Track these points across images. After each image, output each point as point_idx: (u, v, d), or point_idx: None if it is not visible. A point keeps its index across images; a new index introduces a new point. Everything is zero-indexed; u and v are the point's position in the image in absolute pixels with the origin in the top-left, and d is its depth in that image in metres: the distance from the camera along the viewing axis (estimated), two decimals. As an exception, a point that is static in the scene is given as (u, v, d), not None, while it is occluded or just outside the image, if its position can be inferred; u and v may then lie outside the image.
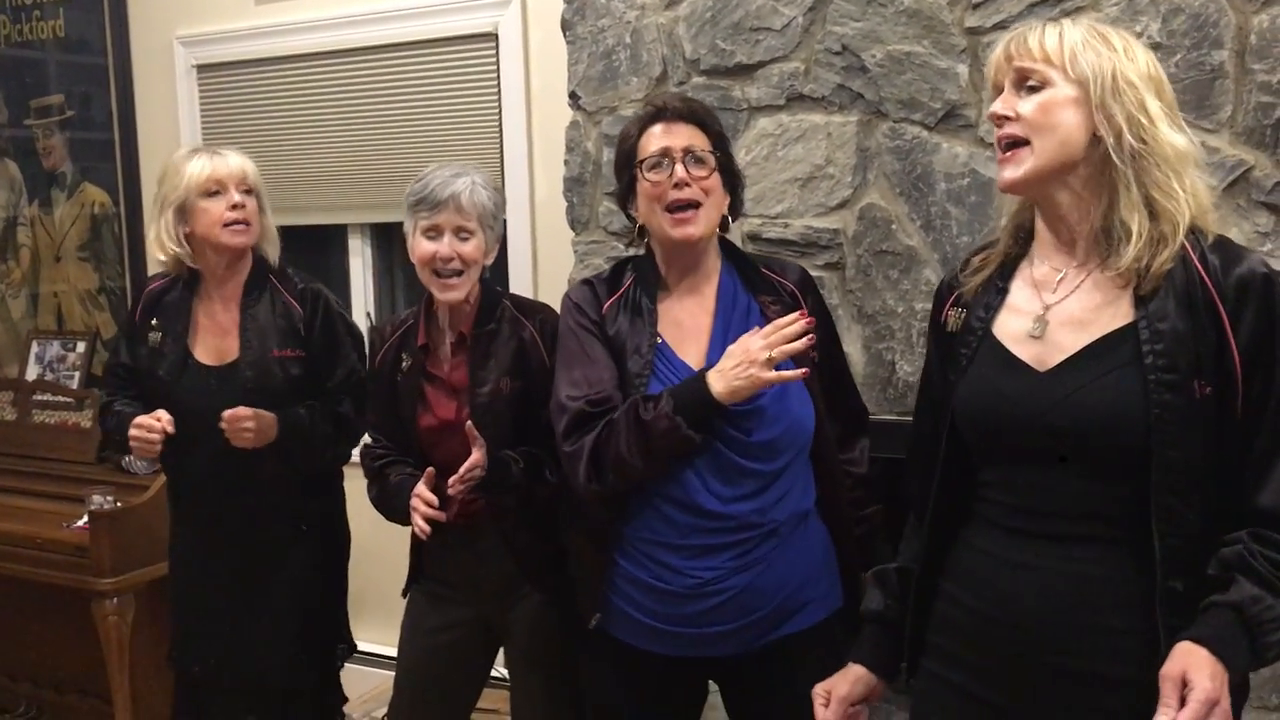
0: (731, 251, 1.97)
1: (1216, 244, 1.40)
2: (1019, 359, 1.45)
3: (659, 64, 2.59)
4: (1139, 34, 2.08)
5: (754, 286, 1.91)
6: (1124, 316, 1.39)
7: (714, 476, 1.80)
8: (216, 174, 2.40)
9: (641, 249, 1.99)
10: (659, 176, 1.84)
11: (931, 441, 1.57)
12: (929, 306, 1.68)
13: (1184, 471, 1.34)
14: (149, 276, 2.77)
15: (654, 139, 1.87)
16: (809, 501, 1.88)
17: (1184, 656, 1.27)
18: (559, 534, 2.12)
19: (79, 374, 3.83)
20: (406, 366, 2.20)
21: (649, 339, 1.87)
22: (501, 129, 3.21)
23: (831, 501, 1.92)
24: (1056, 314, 1.44)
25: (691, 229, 1.84)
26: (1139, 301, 1.38)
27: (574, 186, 2.70)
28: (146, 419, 2.35)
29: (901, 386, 2.37)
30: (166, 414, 2.35)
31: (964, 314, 1.53)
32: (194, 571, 2.52)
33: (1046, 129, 1.39)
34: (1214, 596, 1.32)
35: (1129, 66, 1.39)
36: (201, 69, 3.69)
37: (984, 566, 1.48)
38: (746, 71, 2.49)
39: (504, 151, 3.21)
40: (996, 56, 1.46)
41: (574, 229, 2.73)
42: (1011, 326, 1.48)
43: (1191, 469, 1.35)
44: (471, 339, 2.16)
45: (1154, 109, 1.38)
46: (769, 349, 1.70)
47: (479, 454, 1.99)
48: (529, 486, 2.08)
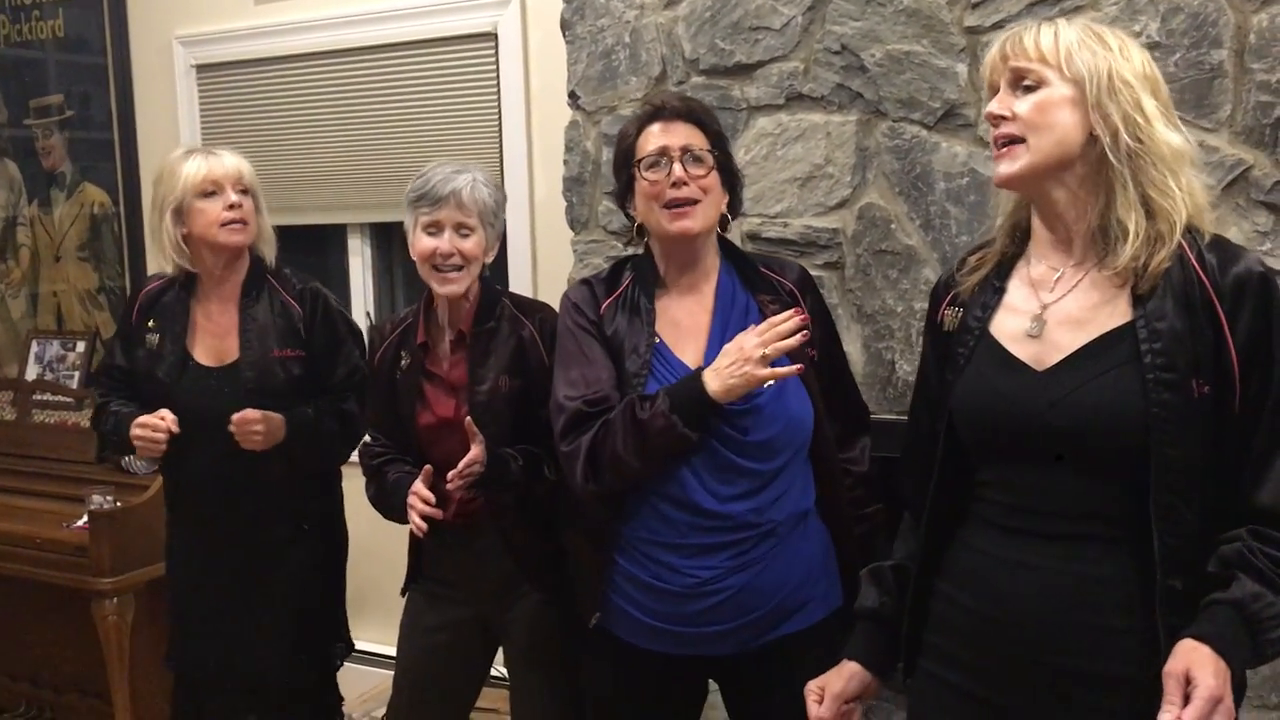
0: (730, 250, 1.97)
1: (1213, 243, 1.40)
2: (1017, 358, 1.45)
3: (658, 63, 2.59)
4: (1138, 33, 2.09)
5: (753, 285, 1.91)
6: (1122, 316, 1.39)
7: (711, 476, 1.80)
8: (212, 174, 2.40)
9: (640, 248, 1.99)
10: (657, 175, 1.84)
11: (928, 441, 1.57)
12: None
13: (1183, 470, 1.34)
14: (145, 278, 2.77)
15: (652, 138, 1.87)
16: (808, 501, 1.88)
17: (1187, 654, 1.27)
18: (558, 533, 2.13)
19: (79, 374, 3.83)
20: (405, 365, 2.20)
21: (647, 339, 1.86)
22: (501, 129, 3.21)
23: (831, 501, 1.92)
24: (1054, 313, 1.44)
25: (689, 223, 1.84)
26: (1137, 301, 1.38)
27: (573, 186, 2.70)
28: (151, 418, 2.34)
29: (901, 386, 2.37)
30: (171, 413, 2.34)
31: (960, 313, 1.53)
32: (193, 573, 2.52)
33: (1043, 128, 1.39)
34: (1215, 594, 1.32)
35: (1125, 66, 1.39)
36: (201, 69, 3.69)
37: (982, 566, 1.48)
38: (746, 71, 2.49)
39: (503, 151, 3.21)
40: (992, 56, 1.46)
41: (573, 228, 2.73)
42: (1009, 326, 1.48)
43: (1190, 468, 1.35)
44: (471, 337, 2.16)
45: (1150, 108, 1.38)
46: (763, 346, 1.70)
47: (478, 450, 1.99)
48: (527, 484, 2.08)
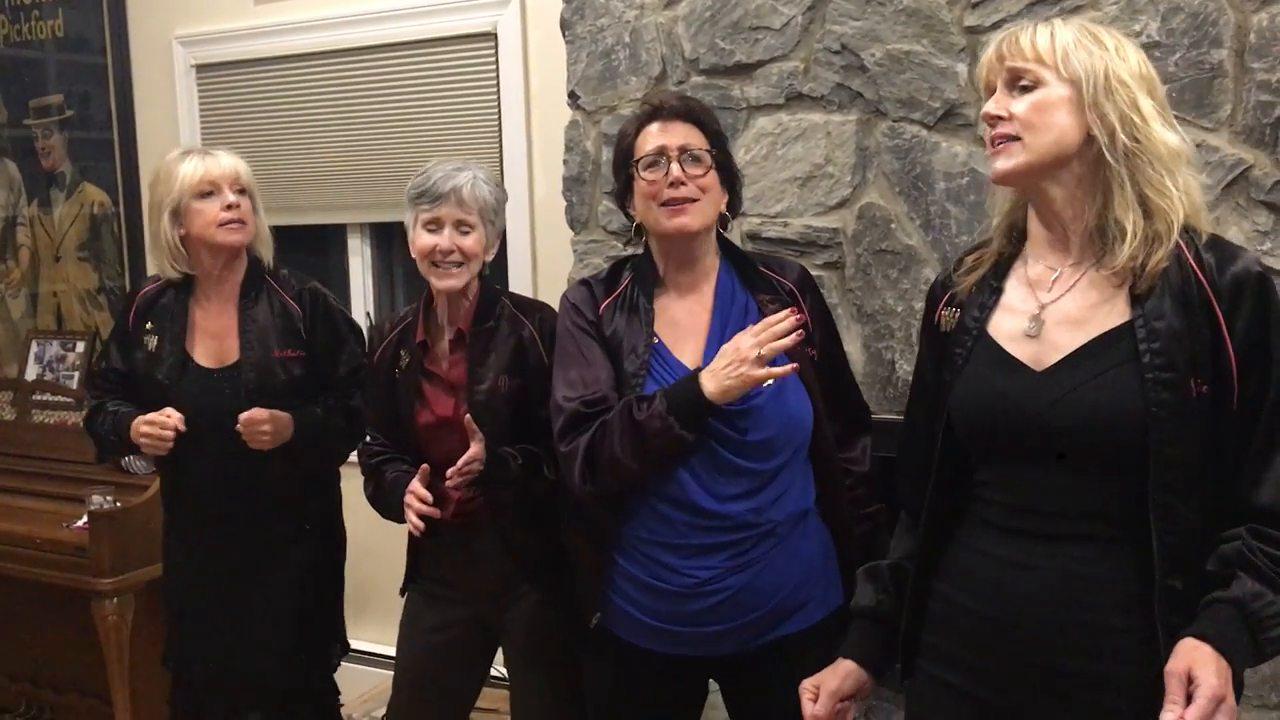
0: (730, 250, 1.97)
1: (1210, 242, 1.40)
2: (1015, 358, 1.45)
3: (658, 63, 2.58)
4: (1138, 33, 2.09)
5: (752, 285, 1.91)
6: (1120, 315, 1.39)
7: (710, 476, 1.79)
8: (210, 174, 2.39)
9: (639, 248, 1.99)
10: (655, 175, 1.84)
11: (925, 441, 1.57)
12: (928, 306, 1.68)
13: (1181, 470, 1.34)
14: (143, 280, 2.76)
15: (650, 138, 1.87)
16: (808, 501, 1.88)
17: (1188, 653, 1.27)
18: (557, 533, 2.12)
19: (78, 374, 3.82)
20: (405, 364, 2.20)
21: (645, 339, 1.86)
22: (501, 128, 3.21)
23: (832, 501, 1.91)
24: (1052, 313, 1.44)
25: (685, 219, 1.83)
26: (1135, 300, 1.38)
27: (573, 186, 2.70)
28: (158, 415, 2.32)
29: (901, 385, 2.36)
30: (176, 412, 2.33)
31: (958, 314, 1.53)
32: (192, 573, 2.51)
33: (1040, 129, 1.40)
34: (1215, 593, 1.32)
35: (1121, 66, 1.39)
36: (201, 69, 3.69)
37: (981, 566, 1.47)
38: (746, 71, 2.49)
39: (503, 151, 3.21)
40: (988, 57, 1.46)
41: (573, 228, 2.73)
42: (1007, 326, 1.48)
43: (1189, 467, 1.35)
44: (470, 336, 2.16)
45: (1146, 108, 1.38)
46: (759, 347, 1.70)
47: (477, 447, 1.99)
48: (527, 483, 2.08)
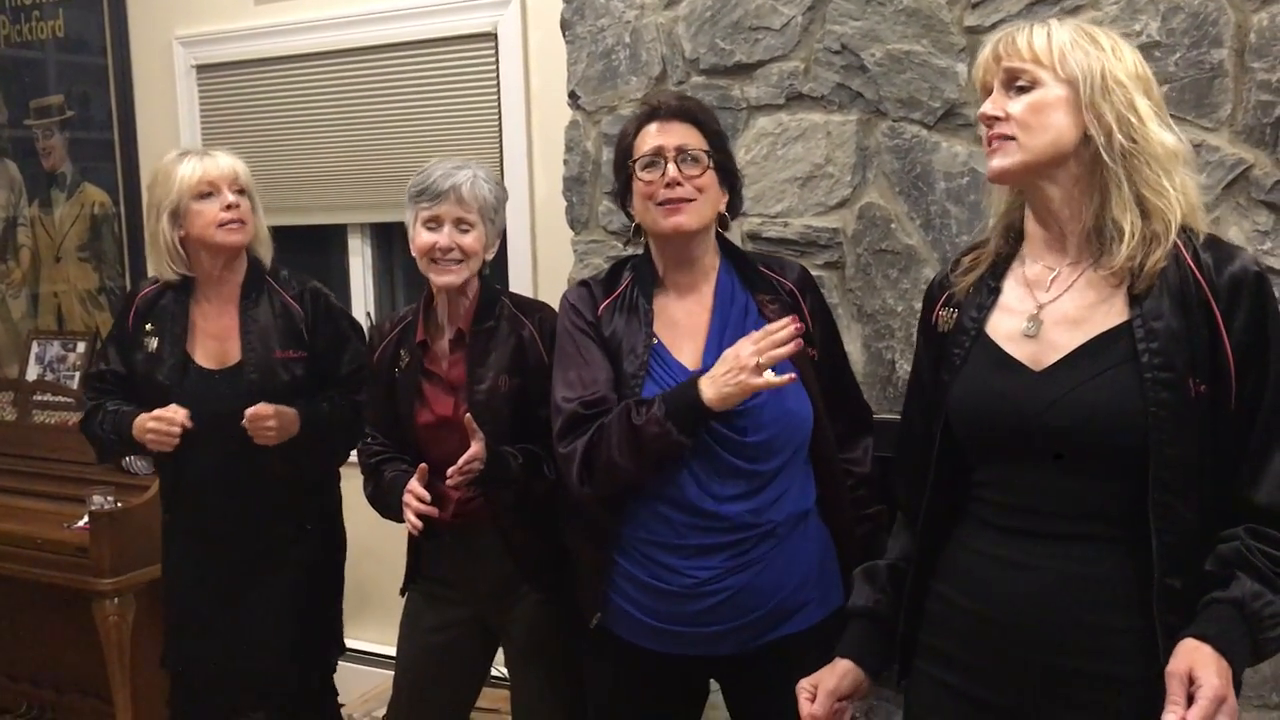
0: (730, 250, 1.96)
1: (1208, 242, 1.40)
2: (1014, 358, 1.45)
3: (658, 63, 2.58)
4: (1138, 33, 2.09)
5: (752, 285, 1.91)
6: (1118, 315, 1.39)
7: (709, 477, 1.79)
8: (208, 175, 2.39)
9: (639, 248, 1.99)
10: (652, 175, 1.84)
11: (922, 442, 1.57)
12: (928, 306, 1.68)
13: (1180, 469, 1.34)
14: (140, 282, 2.75)
15: (649, 138, 1.87)
16: (808, 501, 1.88)
17: (1189, 654, 1.27)
18: (557, 533, 2.12)
19: (79, 374, 3.82)
20: (405, 363, 2.20)
21: (644, 339, 1.86)
22: (501, 129, 3.21)
23: (832, 501, 1.91)
24: (1050, 313, 1.44)
25: (682, 218, 1.83)
26: (1133, 300, 1.38)
27: (573, 186, 2.70)
28: (165, 411, 2.32)
29: (902, 385, 2.36)
30: (183, 408, 2.32)
31: (955, 314, 1.53)
32: (192, 574, 2.50)
33: (1037, 129, 1.40)
34: (1215, 593, 1.32)
35: (1117, 66, 1.39)
36: (201, 69, 3.69)
37: (979, 566, 1.47)
38: (746, 71, 2.49)
39: (503, 151, 3.21)
40: (984, 57, 1.46)
41: (573, 228, 2.73)
42: (1005, 326, 1.47)
43: (1187, 467, 1.35)
44: (470, 336, 2.16)
45: (1143, 108, 1.38)
46: (758, 355, 1.69)
47: (478, 447, 1.99)
48: (527, 482, 2.08)
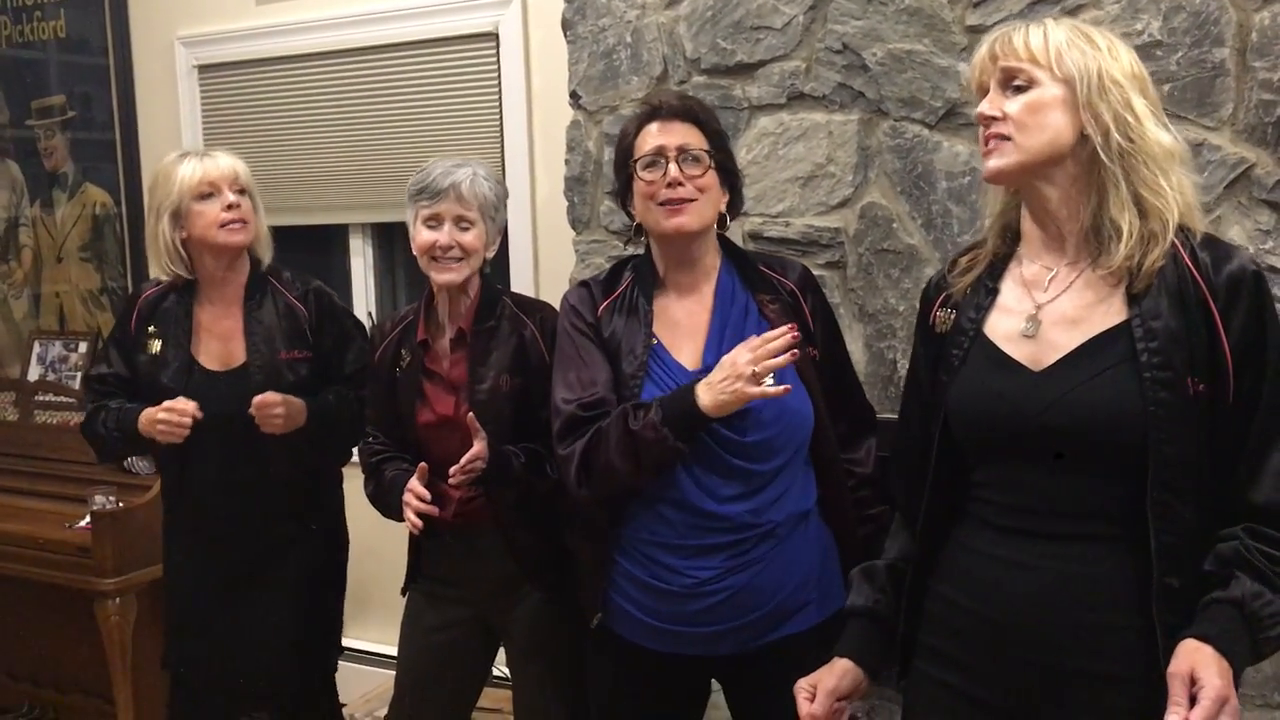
0: (731, 250, 1.96)
1: (1205, 241, 1.41)
2: (1012, 358, 1.45)
3: (660, 63, 2.58)
4: (1139, 32, 2.09)
5: (753, 285, 1.91)
6: (1117, 315, 1.40)
7: (709, 477, 1.79)
8: (208, 176, 2.39)
9: (640, 247, 1.99)
10: (653, 175, 1.84)
11: (920, 442, 1.57)
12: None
13: (1179, 469, 1.35)
14: (142, 284, 2.75)
15: (649, 137, 1.87)
16: (809, 501, 1.88)
17: (1190, 654, 1.27)
18: (559, 533, 2.12)
19: (81, 374, 3.82)
20: (406, 362, 2.20)
21: (644, 340, 1.86)
22: (502, 128, 3.21)
23: (834, 502, 1.91)
24: (1049, 313, 1.44)
25: (683, 219, 1.83)
26: (1131, 300, 1.38)
27: (575, 186, 2.70)
28: (174, 403, 2.31)
29: (903, 385, 2.36)
30: (191, 400, 2.31)
31: (953, 314, 1.53)
32: (195, 575, 2.49)
33: (1033, 129, 1.40)
34: (1215, 593, 1.32)
35: (1114, 65, 1.39)
36: (202, 69, 3.69)
37: (978, 566, 1.47)
38: (747, 70, 2.49)
39: (505, 151, 3.21)
40: (981, 57, 1.46)
41: (575, 228, 2.72)
42: (1003, 326, 1.48)
43: (1186, 466, 1.35)
44: (471, 335, 2.16)
45: (1140, 107, 1.39)
46: (754, 363, 1.69)
47: (480, 446, 1.99)
48: (529, 482, 2.08)
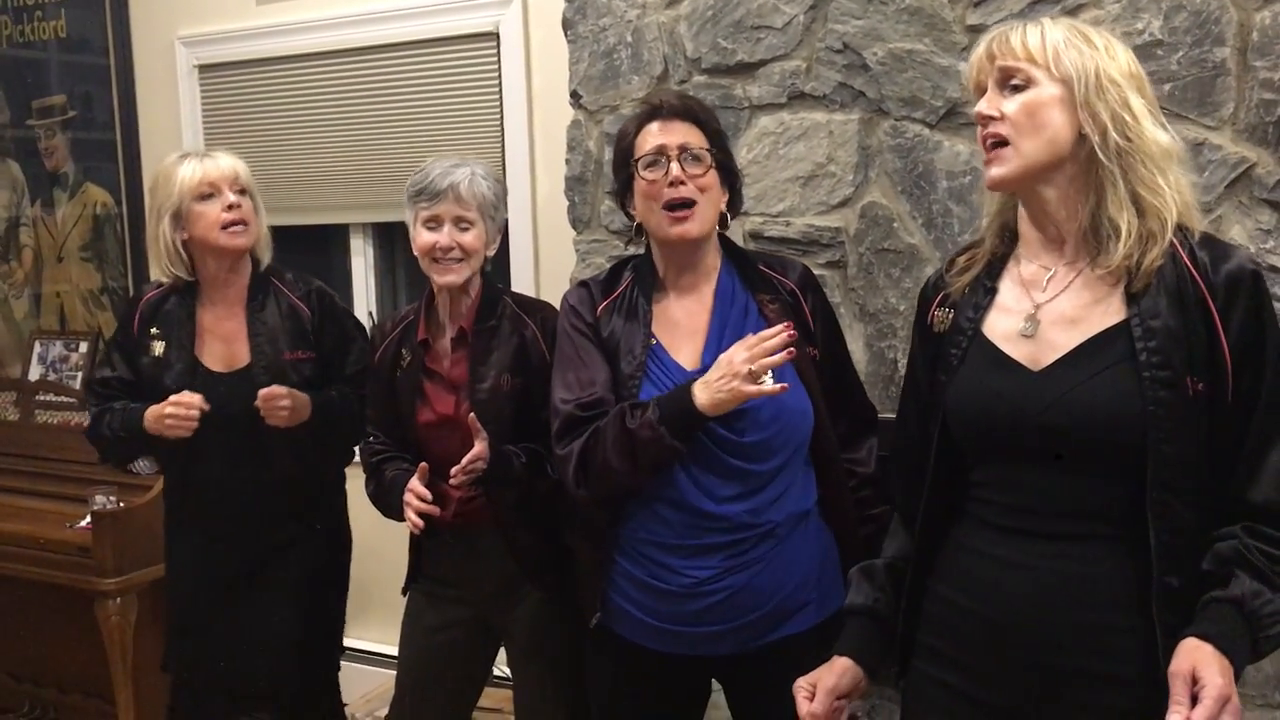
0: (732, 250, 1.96)
1: (1204, 240, 1.41)
2: (1011, 358, 1.45)
3: (660, 63, 2.58)
4: (1140, 31, 2.08)
5: (753, 285, 1.90)
6: (1116, 314, 1.39)
7: (707, 477, 1.79)
8: (209, 176, 2.39)
9: (641, 247, 1.99)
10: (654, 175, 1.83)
11: (918, 442, 1.57)
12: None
13: (1178, 468, 1.35)
14: (143, 285, 2.74)
15: (650, 137, 1.86)
16: (809, 502, 1.87)
17: (1191, 653, 1.27)
18: (559, 533, 2.12)
19: (81, 374, 3.83)
20: (406, 362, 2.20)
21: (643, 340, 1.86)
22: (503, 128, 3.21)
23: (834, 502, 1.91)
24: (1047, 313, 1.44)
25: (689, 226, 1.83)
26: (1130, 299, 1.38)
27: (575, 185, 2.70)
28: (180, 396, 2.31)
29: (901, 385, 2.36)
30: (197, 394, 2.32)
31: (951, 314, 1.53)
32: (198, 576, 2.49)
33: (1031, 130, 1.40)
34: (1214, 592, 1.32)
35: (1111, 65, 1.39)
36: (203, 69, 3.69)
37: (978, 566, 1.47)
38: (748, 70, 2.49)
39: (505, 151, 3.21)
40: (978, 56, 1.46)
41: (575, 228, 2.72)
42: (1002, 326, 1.47)
43: (1185, 465, 1.35)
44: (472, 334, 2.16)
45: (1137, 106, 1.39)
46: (750, 362, 1.68)
47: (481, 446, 1.99)
48: (530, 482, 2.08)
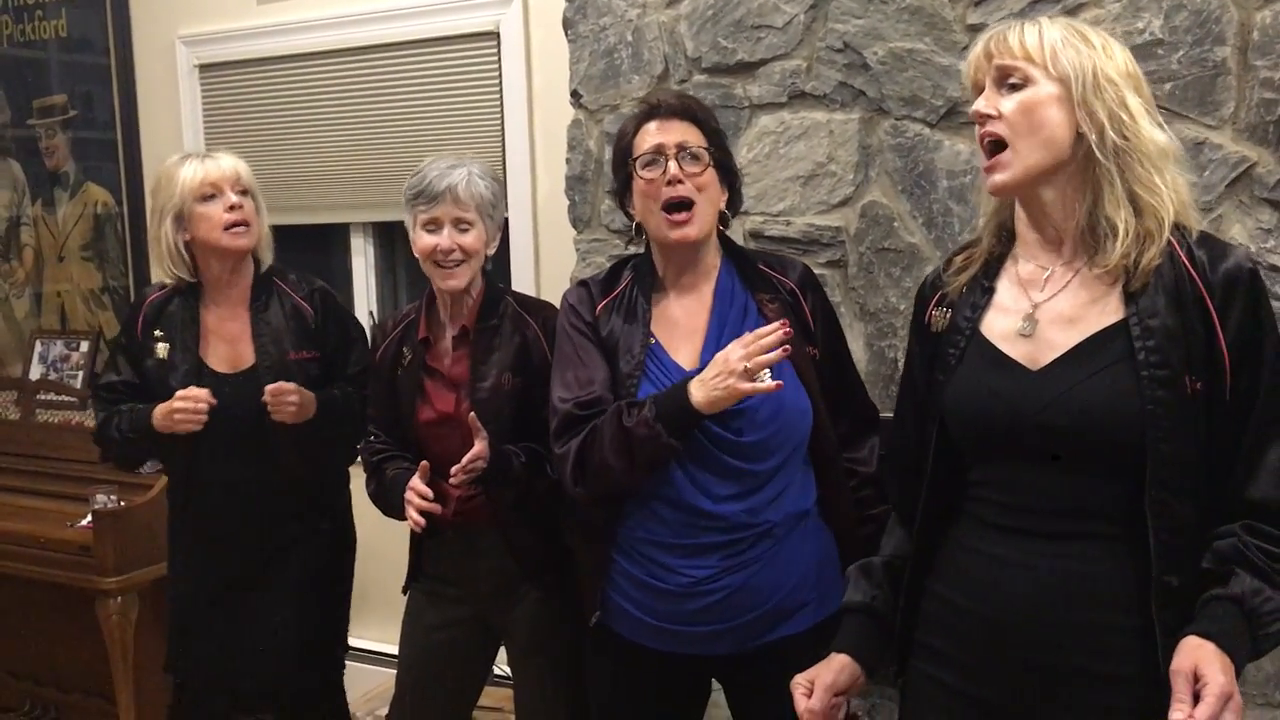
0: (732, 249, 1.96)
1: (1201, 239, 1.41)
2: (1010, 358, 1.45)
3: (660, 62, 2.58)
4: (1141, 30, 2.08)
5: (752, 284, 1.90)
6: (1114, 313, 1.40)
7: (705, 476, 1.79)
8: (210, 177, 2.38)
9: (640, 246, 1.98)
10: (653, 174, 1.83)
11: (915, 441, 1.57)
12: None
13: (1177, 467, 1.35)
14: (146, 288, 2.74)
15: (648, 136, 1.86)
16: (808, 502, 1.87)
17: (1193, 651, 1.27)
18: (559, 532, 2.12)
19: (82, 373, 3.83)
20: (407, 360, 2.20)
21: (641, 339, 1.86)
22: (503, 127, 3.21)
23: (834, 502, 1.90)
24: (1046, 312, 1.44)
25: (689, 230, 1.83)
26: (1129, 298, 1.38)
27: (576, 185, 2.70)
28: (188, 391, 2.31)
29: (899, 384, 2.36)
30: (203, 389, 2.32)
31: (949, 314, 1.53)
32: (202, 578, 2.48)
33: (1030, 129, 1.40)
34: (1215, 590, 1.32)
35: (1108, 64, 1.39)
36: (204, 68, 3.69)
37: (976, 566, 1.47)
38: (748, 69, 2.49)
39: (506, 150, 3.21)
40: (976, 55, 1.46)
41: (576, 227, 2.72)
42: (1000, 325, 1.47)
43: (1184, 464, 1.35)
44: (474, 333, 2.16)
45: (1134, 105, 1.39)
46: (746, 359, 1.68)
47: (481, 445, 1.99)
48: (529, 481, 2.08)
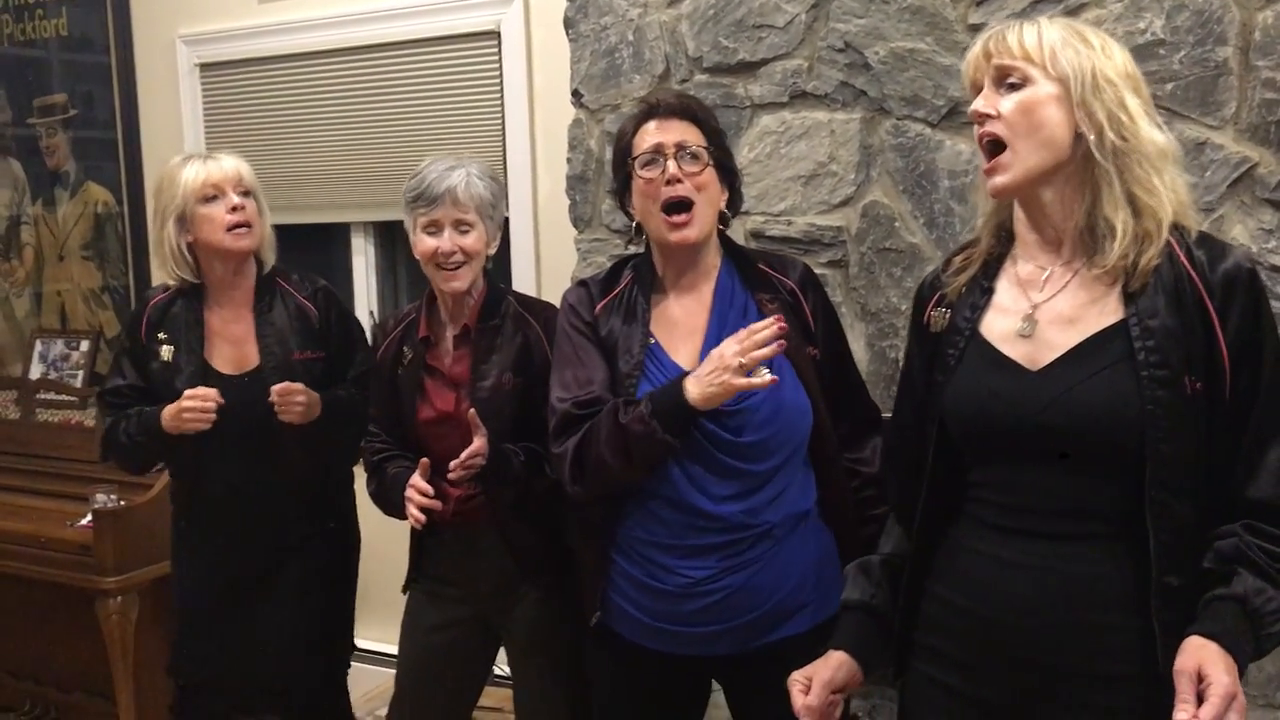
0: (732, 248, 1.96)
1: (1201, 239, 1.41)
2: (1009, 358, 1.44)
3: (661, 61, 2.58)
4: (1142, 30, 2.08)
5: (752, 284, 1.90)
6: (1113, 314, 1.40)
7: (704, 476, 1.79)
8: (212, 178, 2.38)
9: (641, 246, 1.98)
10: (652, 173, 1.83)
11: (914, 442, 1.57)
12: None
13: (1177, 467, 1.35)
14: (148, 290, 2.73)
15: (648, 135, 1.86)
16: (808, 502, 1.87)
17: (1196, 651, 1.27)
18: (559, 532, 2.12)
19: (82, 373, 3.83)
20: (408, 359, 2.20)
21: (640, 339, 1.86)
22: (504, 127, 3.21)
23: (834, 502, 1.90)
24: (1045, 312, 1.44)
25: (688, 232, 1.83)
26: (1128, 299, 1.39)
27: (577, 184, 2.70)
28: (196, 390, 2.31)
29: (898, 384, 2.36)
30: (212, 389, 2.32)
31: (948, 314, 1.53)
32: (209, 580, 2.48)
33: (1029, 129, 1.40)
34: (1217, 590, 1.32)
35: (1107, 64, 1.39)
36: (204, 68, 3.69)
37: (976, 567, 1.47)
38: (749, 69, 2.49)
39: (507, 149, 3.21)
40: (975, 55, 1.46)
41: (577, 227, 2.72)
42: (999, 326, 1.47)
43: (1184, 464, 1.35)
44: (475, 333, 2.16)
45: (1133, 106, 1.39)
46: (741, 355, 1.68)
47: (480, 442, 1.99)
48: (528, 480, 2.08)
